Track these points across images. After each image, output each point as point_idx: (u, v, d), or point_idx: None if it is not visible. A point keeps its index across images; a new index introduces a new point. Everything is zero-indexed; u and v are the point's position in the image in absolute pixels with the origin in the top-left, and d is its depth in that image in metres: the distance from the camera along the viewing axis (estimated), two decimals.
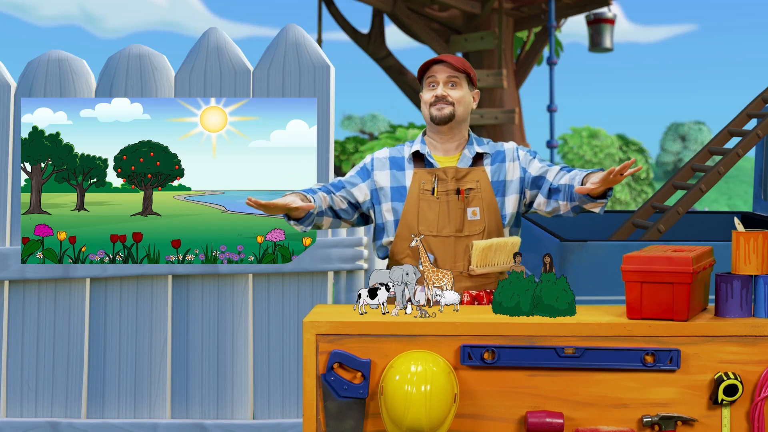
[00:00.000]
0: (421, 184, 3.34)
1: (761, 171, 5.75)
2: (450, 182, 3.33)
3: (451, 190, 3.33)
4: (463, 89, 3.35)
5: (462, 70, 3.33)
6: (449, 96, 3.32)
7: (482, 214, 3.32)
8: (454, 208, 3.32)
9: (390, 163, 3.40)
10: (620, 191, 34.38)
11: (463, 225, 3.31)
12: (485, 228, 3.31)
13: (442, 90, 3.32)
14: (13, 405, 4.41)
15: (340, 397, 2.70)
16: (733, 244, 2.75)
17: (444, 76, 3.33)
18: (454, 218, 3.31)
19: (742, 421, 2.71)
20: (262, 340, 4.39)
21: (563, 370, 2.72)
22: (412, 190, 3.34)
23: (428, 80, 3.35)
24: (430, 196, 3.33)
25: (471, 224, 3.32)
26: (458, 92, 3.34)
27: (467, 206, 3.32)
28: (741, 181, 52.52)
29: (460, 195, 3.32)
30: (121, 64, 4.39)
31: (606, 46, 16.57)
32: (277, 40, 4.39)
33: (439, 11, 15.90)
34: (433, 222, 3.31)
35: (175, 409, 4.40)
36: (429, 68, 3.34)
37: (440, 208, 3.32)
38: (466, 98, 3.36)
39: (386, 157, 3.42)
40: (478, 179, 3.35)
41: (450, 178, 3.33)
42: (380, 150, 3.46)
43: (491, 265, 3.30)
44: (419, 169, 3.37)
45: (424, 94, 3.37)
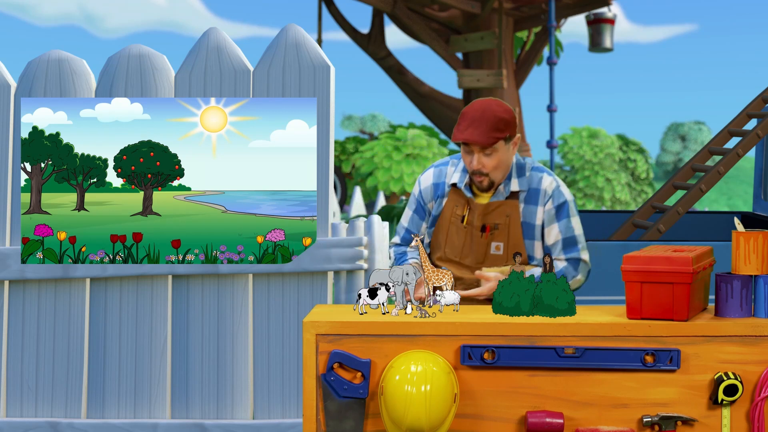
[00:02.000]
0: (454, 208, 3.38)
1: (761, 171, 5.75)
2: (477, 218, 3.34)
3: (477, 225, 3.34)
4: (499, 154, 3.27)
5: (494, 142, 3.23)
6: (485, 167, 3.27)
7: (506, 249, 3.33)
8: (478, 242, 3.35)
9: (433, 191, 3.45)
10: (620, 191, 34.38)
11: (485, 258, 3.35)
12: (506, 264, 3.33)
13: (477, 162, 3.27)
14: (13, 405, 4.41)
15: (340, 397, 2.70)
16: (733, 244, 2.75)
17: (478, 147, 3.26)
18: (476, 250, 3.35)
19: (742, 421, 2.71)
20: (262, 340, 4.39)
21: (563, 370, 2.72)
22: (445, 213, 3.40)
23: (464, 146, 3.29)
24: (459, 223, 3.36)
25: (493, 258, 3.35)
26: (494, 161, 3.27)
27: (492, 240, 3.34)
28: (741, 181, 52.52)
29: (485, 233, 3.34)
30: (121, 64, 4.39)
31: (606, 46, 16.56)
32: (277, 40, 4.39)
33: (439, 11, 15.90)
34: (458, 248, 3.37)
35: (175, 409, 4.40)
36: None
37: (466, 238, 3.35)
38: (503, 160, 3.29)
39: (431, 185, 3.45)
40: (509, 214, 3.33)
41: (477, 214, 3.34)
42: (425, 173, 3.48)
43: None
44: (455, 192, 3.39)
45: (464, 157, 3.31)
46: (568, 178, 34.96)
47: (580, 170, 34.95)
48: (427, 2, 15.42)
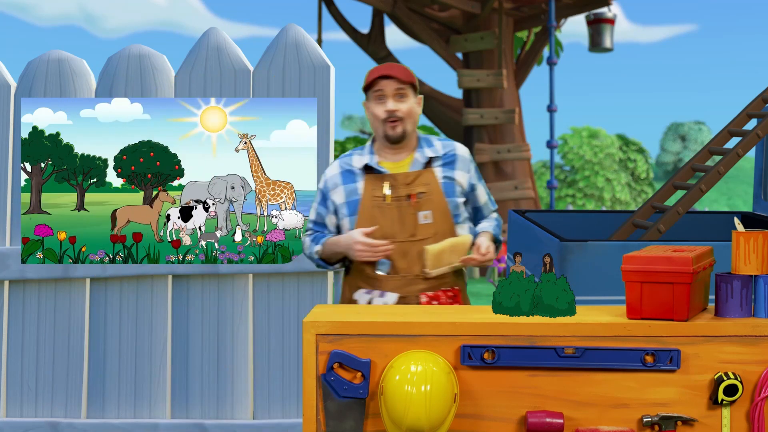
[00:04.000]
0: (372, 191, 3.37)
1: (761, 171, 5.75)
2: (401, 188, 3.36)
3: (402, 196, 3.35)
4: (410, 100, 3.37)
5: (408, 82, 3.34)
6: (399, 110, 3.34)
7: (434, 217, 3.36)
8: (407, 213, 3.34)
9: (342, 179, 3.42)
10: (620, 191, 34.39)
11: (416, 230, 3.34)
12: (437, 231, 3.35)
13: (393, 104, 3.34)
14: (13, 405, 4.41)
15: (340, 397, 2.70)
16: (733, 244, 2.75)
17: (391, 89, 3.34)
18: (407, 224, 3.34)
19: (742, 421, 2.71)
20: (262, 340, 4.39)
21: (563, 370, 2.72)
22: (365, 199, 3.37)
23: (375, 93, 3.36)
24: (382, 203, 3.36)
25: (423, 228, 3.35)
26: (406, 105, 3.35)
27: (419, 210, 3.35)
28: (741, 181, 52.53)
29: (411, 199, 3.35)
30: (121, 64, 4.39)
31: (606, 46, 16.56)
32: (277, 40, 4.39)
33: (439, 11, 15.90)
34: (388, 228, 3.34)
35: (175, 409, 4.40)
36: (375, 82, 3.35)
37: (393, 214, 3.34)
38: (413, 110, 3.38)
39: (337, 174, 3.44)
40: (429, 182, 3.37)
41: (400, 183, 3.36)
42: (331, 166, 3.48)
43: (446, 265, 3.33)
44: (370, 177, 3.39)
45: (374, 108, 3.37)
46: (568, 178, 34.97)
47: (580, 170, 34.96)
48: (427, 2, 15.41)
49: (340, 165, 3.46)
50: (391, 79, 3.33)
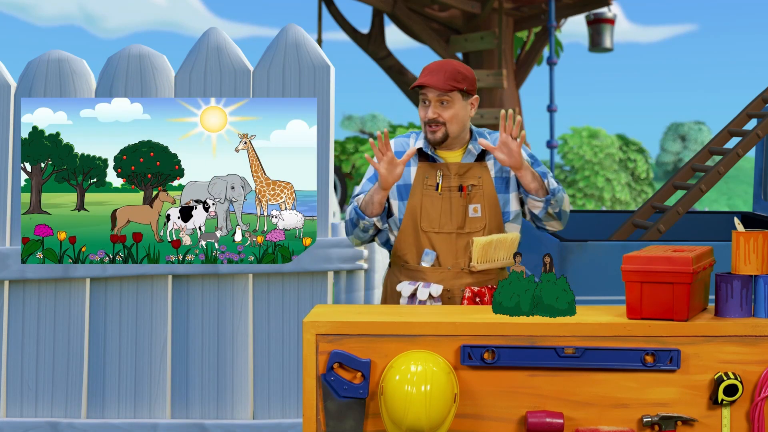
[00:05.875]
0: (424, 179, 3.34)
1: (761, 171, 5.75)
2: (453, 178, 3.32)
3: (453, 186, 3.32)
4: (455, 106, 3.29)
5: (450, 90, 3.26)
6: (440, 116, 3.28)
7: (483, 211, 3.32)
8: (456, 204, 3.31)
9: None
10: (620, 191, 34.40)
11: (465, 222, 3.32)
12: (486, 225, 3.32)
13: (433, 111, 3.28)
14: (13, 405, 4.41)
15: (340, 397, 2.70)
16: (733, 244, 2.75)
17: (434, 95, 3.28)
18: (456, 215, 3.31)
19: (742, 421, 2.71)
20: (262, 340, 4.39)
21: (563, 370, 2.72)
22: (416, 186, 3.34)
23: (421, 96, 3.31)
24: (433, 192, 3.32)
25: (472, 221, 3.32)
26: (450, 111, 3.28)
27: (469, 203, 3.32)
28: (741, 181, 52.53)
29: (463, 192, 3.32)
30: (121, 64, 4.39)
31: (606, 46, 16.56)
32: (277, 40, 4.39)
33: (439, 11, 15.89)
34: (435, 218, 3.31)
35: (175, 409, 4.40)
36: (421, 85, 3.28)
37: (443, 205, 3.31)
38: (459, 114, 3.30)
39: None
40: (481, 175, 3.34)
41: (453, 174, 3.32)
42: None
43: (492, 261, 3.31)
44: (423, 164, 3.36)
45: (420, 110, 3.34)
46: (568, 178, 34.97)
47: (580, 170, 34.95)
48: (427, 2, 15.41)
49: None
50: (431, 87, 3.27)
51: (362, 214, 3.34)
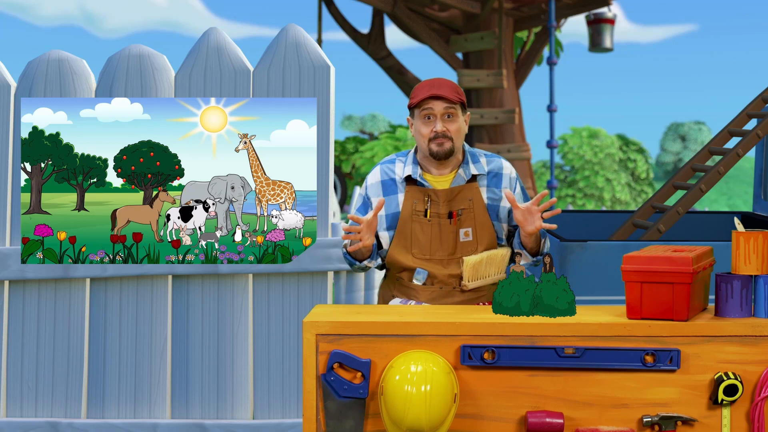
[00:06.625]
0: (413, 205, 3.29)
1: (761, 171, 5.75)
2: (442, 205, 3.28)
3: (443, 213, 3.28)
4: (459, 120, 3.26)
5: (457, 102, 3.24)
6: (448, 131, 3.24)
7: (474, 234, 3.28)
8: (446, 231, 3.28)
9: (383, 189, 3.35)
10: (620, 191, 34.40)
11: (456, 247, 3.28)
12: (477, 248, 3.29)
13: (441, 125, 3.23)
14: (13, 405, 4.41)
15: (340, 397, 2.70)
16: (733, 244, 2.75)
17: (441, 108, 3.23)
18: (446, 241, 3.28)
19: (742, 421, 2.71)
20: (262, 340, 4.39)
21: (563, 370, 2.72)
22: (405, 211, 3.30)
23: (423, 112, 3.24)
24: (422, 218, 3.28)
25: (463, 246, 3.28)
26: (455, 125, 3.25)
27: (459, 227, 3.28)
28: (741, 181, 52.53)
29: (452, 219, 3.28)
30: (121, 64, 4.39)
31: (606, 46, 16.56)
32: (277, 40, 4.39)
33: (439, 11, 15.90)
34: (426, 245, 3.28)
35: (175, 409, 4.40)
36: (424, 101, 3.23)
37: (432, 231, 3.28)
38: (462, 128, 3.28)
39: (378, 182, 3.36)
40: (471, 197, 3.29)
41: (442, 201, 3.28)
42: (373, 172, 3.40)
43: (483, 278, 3.29)
44: (411, 188, 3.31)
45: (421, 128, 3.26)
46: (568, 178, 34.97)
47: (580, 170, 34.97)
48: (427, 2, 15.42)
49: (382, 172, 3.37)
50: (440, 100, 3.22)
51: (352, 259, 3.35)
